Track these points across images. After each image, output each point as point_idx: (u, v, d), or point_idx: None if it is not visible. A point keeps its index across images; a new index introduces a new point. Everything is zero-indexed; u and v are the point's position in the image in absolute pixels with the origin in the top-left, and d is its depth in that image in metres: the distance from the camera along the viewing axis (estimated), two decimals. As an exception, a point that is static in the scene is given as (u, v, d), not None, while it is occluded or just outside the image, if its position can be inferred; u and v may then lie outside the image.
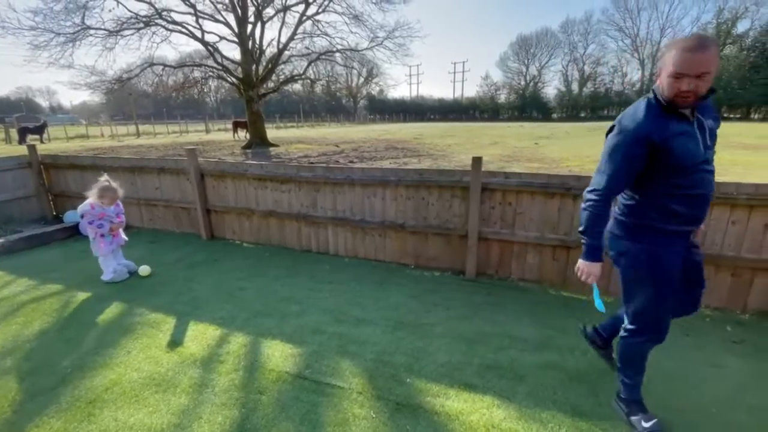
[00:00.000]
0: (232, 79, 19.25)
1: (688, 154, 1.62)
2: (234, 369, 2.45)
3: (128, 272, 3.88)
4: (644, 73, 62.39)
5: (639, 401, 1.99)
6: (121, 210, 3.90)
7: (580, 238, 1.92)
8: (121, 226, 3.85)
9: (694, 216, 1.73)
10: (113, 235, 3.77)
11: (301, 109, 58.94)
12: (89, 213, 3.63)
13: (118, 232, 3.82)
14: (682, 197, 1.68)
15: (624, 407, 2.01)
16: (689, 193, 1.67)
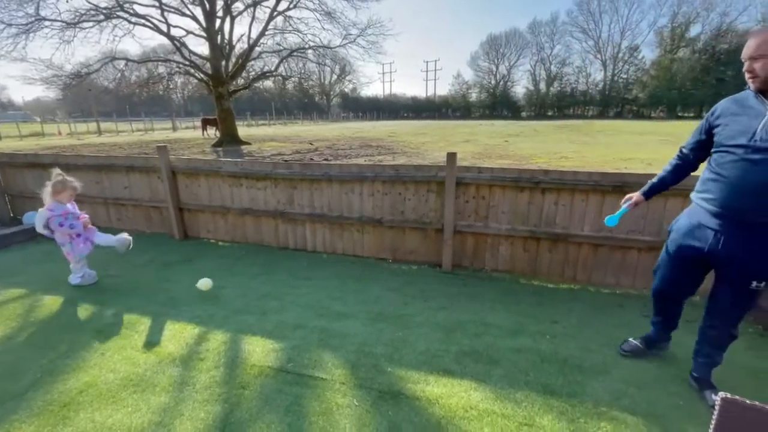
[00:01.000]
0: (201, 75, 18.71)
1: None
2: (215, 366, 2.44)
3: (96, 275, 3.69)
4: (606, 73, 65.17)
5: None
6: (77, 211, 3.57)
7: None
8: (87, 224, 3.61)
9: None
10: (87, 229, 3.54)
11: (273, 107, 57.92)
12: (54, 217, 3.31)
13: (91, 229, 3.61)
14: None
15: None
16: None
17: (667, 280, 2.18)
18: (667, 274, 2.17)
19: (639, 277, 3.35)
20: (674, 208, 3.11)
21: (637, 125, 31.49)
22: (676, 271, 2.12)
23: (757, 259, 1.80)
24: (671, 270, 2.14)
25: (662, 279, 2.20)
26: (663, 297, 2.26)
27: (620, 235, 3.29)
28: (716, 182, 1.85)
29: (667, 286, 2.20)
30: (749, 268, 1.83)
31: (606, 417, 1.99)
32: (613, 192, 3.22)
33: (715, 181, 1.86)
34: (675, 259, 2.10)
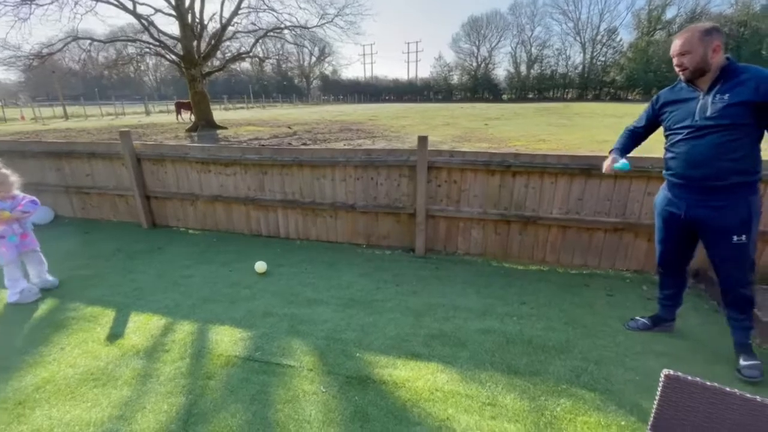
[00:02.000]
0: (172, 56, 17.92)
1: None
2: (180, 357, 2.39)
3: (39, 291, 3.16)
4: (585, 56, 65.66)
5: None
6: (21, 199, 3.04)
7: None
8: (24, 217, 3.05)
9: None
10: (22, 236, 3.07)
11: (251, 90, 56.21)
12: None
13: (27, 232, 3.12)
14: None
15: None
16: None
17: (664, 250, 2.41)
18: (663, 245, 2.41)
19: (605, 258, 3.44)
20: (638, 190, 3.18)
21: (613, 108, 32.01)
22: (667, 238, 2.36)
23: (725, 215, 2.05)
24: (664, 239, 2.38)
25: (660, 251, 2.44)
26: (665, 264, 2.45)
27: (587, 217, 3.35)
28: (673, 159, 2.17)
29: (665, 254, 2.42)
30: (722, 225, 2.07)
31: (566, 394, 2.06)
32: (581, 174, 3.26)
33: (673, 159, 2.17)
34: (663, 228, 2.36)
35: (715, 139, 1.97)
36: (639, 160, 3.07)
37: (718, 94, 1.96)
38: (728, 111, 1.92)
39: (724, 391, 1.26)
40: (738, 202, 2.03)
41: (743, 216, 2.04)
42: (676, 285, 2.49)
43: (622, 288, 3.16)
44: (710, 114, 1.96)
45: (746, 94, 1.89)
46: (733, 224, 2.05)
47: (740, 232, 2.05)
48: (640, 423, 1.85)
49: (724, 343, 2.44)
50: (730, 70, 1.96)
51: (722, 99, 1.94)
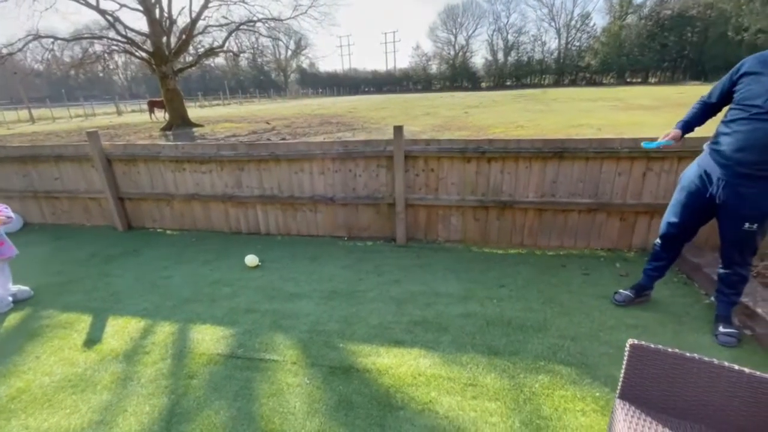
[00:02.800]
0: (141, 53, 17.32)
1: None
2: (161, 358, 2.37)
3: (12, 301, 3.03)
4: (561, 41, 66.40)
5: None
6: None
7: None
8: (8, 222, 2.93)
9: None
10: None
11: (227, 86, 54.94)
12: None
13: (3, 240, 2.96)
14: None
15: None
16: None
17: (675, 224, 2.40)
18: (676, 218, 2.39)
19: (580, 238, 3.54)
20: (609, 171, 3.27)
21: (589, 92, 32.57)
22: (684, 211, 2.34)
23: (748, 205, 2.05)
24: (680, 213, 2.36)
25: (669, 223, 2.44)
26: (670, 237, 2.47)
27: (562, 200, 3.43)
28: (728, 136, 2.06)
29: (674, 228, 2.42)
30: (741, 212, 2.08)
31: (543, 370, 2.13)
32: (554, 158, 3.33)
33: (727, 135, 2.07)
34: (684, 201, 2.32)
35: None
36: (607, 141, 3.15)
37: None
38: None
39: (685, 356, 1.32)
40: (765, 194, 2.01)
41: (764, 208, 2.04)
42: (669, 258, 2.55)
43: (597, 266, 3.26)
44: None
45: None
46: (751, 213, 2.06)
47: (753, 221, 2.06)
48: (613, 393, 1.93)
49: (692, 313, 2.57)
50: None
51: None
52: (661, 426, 1.30)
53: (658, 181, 3.21)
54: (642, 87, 40.07)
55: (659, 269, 2.60)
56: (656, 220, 3.31)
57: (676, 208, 2.40)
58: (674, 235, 2.45)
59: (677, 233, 2.43)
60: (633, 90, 32.80)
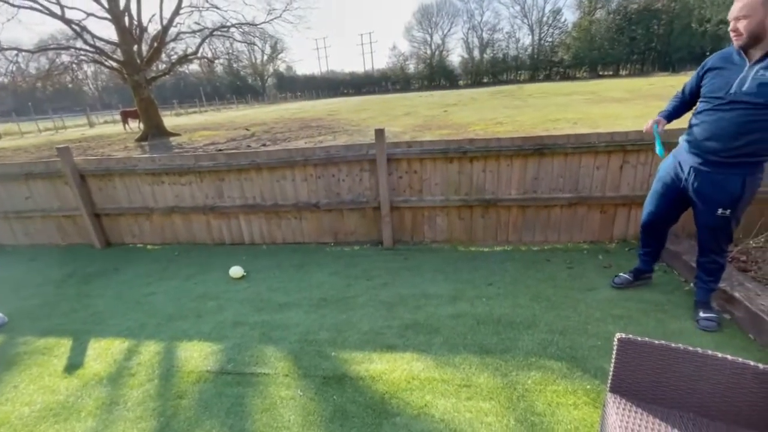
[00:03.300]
0: (112, 62, 16.84)
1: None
2: (148, 379, 2.30)
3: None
4: (534, 37, 67.64)
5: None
6: None
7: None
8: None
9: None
10: None
11: (203, 92, 53.89)
12: None
13: None
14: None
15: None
16: None
17: (653, 213, 2.54)
18: (653, 207, 2.53)
19: (563, 232, 3.60)
20: (588, 165, 3.34)
21: (563, 86, 33.27)
22: (661, 201, 2.47)
23: (720, 191, 2.14)
24: (657, 202, 2.50)
25: (649, 212, 2.57)
26: (650, 226, 2.60)
27: (544, 195, 3.49)
28: (697, 126, 2.18)
29: (653, 217, 2.55)
30: (714, 199, 2.17)
31: (535, 366, 2.15)
32: (535, 154, 3.38)
33: (697, 126, 2.19)
34: (660, 191, 2.46)
35: (741, 117, 1.95)
36: (584, 136, 3.22)
37: (762, 69, 1.89)
38: (764, 90, 1.87)
39: (671, 347, 1.36)
40: (734, 180, 2.08)
41: (734, 193, 2.11)
42: (656, 244, 2.68)
43: (580, 259, 3.33)
44: (747, 89, 1.91)
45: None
46: (722, 199, 2.14)
47: (726, 207, 2.14)
48: (604, 385, 1.97)
49: (674, 301, 2.64)
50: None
51: (763, 75, 1.87)
52: (651, 417, 1.32)
53: (635, 173, 3.29)
54: (614, 80, 41.18)
55: (650, 254, 2.73)
56: (635, 211, 3.39)
57: (653, 198, 2.53)
58: (653, 223, 2.57)
59: (656, 221, 2.56)
60: (605, 83, 33.68)
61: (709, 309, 2.39)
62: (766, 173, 2.75)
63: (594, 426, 1.75)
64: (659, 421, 1.30)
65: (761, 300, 2.30)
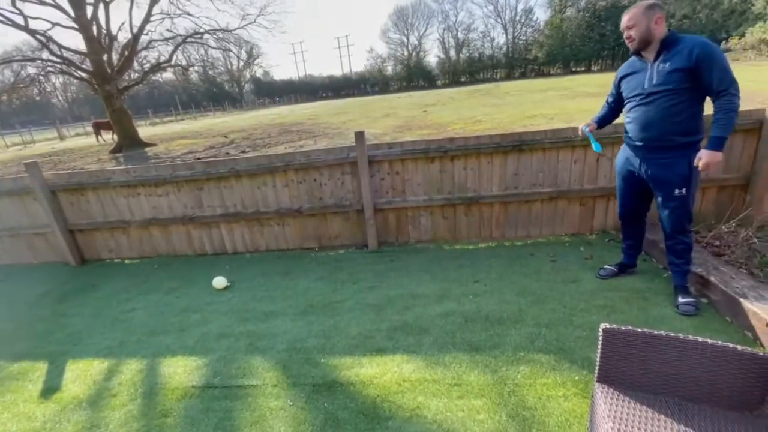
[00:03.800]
0: (81, 73, 16.32)
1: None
2: (130, 399, 2.22)
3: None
4: (508, 36, 68.85)
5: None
6: None
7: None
8: None
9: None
10: None
11: (178, 101, 52.85)
12: None
13: None
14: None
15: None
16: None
17: (623, 205, 2.71)
18: (622, 200, 2.70)
19: (545, 226, 3.66)
20: (565, 159, 3.40)
21: (539, 83, 33.95)
22: (626, 192, 2.65)
23: (671, 172, 2.32)
24: (623, 194, 2.67)
25: (620, 205, 2.73)
26: (624, 217, 2.75)
27: (524, 191, 3.53)
28: (630, 123, 2.44)
29: (624, 208, 2.71)
30: (668, 180, 2.34)
31: (524, 361, 2.17)
32: (514, 151, 3.42)
33: (630, 123, 2.44)
34: (622, 185, 2.65)
35: (661, 104, 2.22)
36: (561, 131, 3.28)
37: (661, 63, 2.20)
38: (670, 77, 2.16)
39: (653, 334, 1.38)
40: (680, 160, 2.27)
41: (683, 172, 2.28)
42: (636, 235, 2.78)
43: (563, 252, 3.38)
44: (656, 81, 2.21)
45: (682, 61, 2.12)
46: (675, 179, 2.31)
47: (681, 186, 2.31)
48: (591, 375, 2.00)
49: (654, 288, 2.71)
50: (670, 40, 2.18)
51: (664, 67, 2.18)
52: (638, 404, 1.35)
53: (611, 165, 3.37)
54: (586, 75, 42.21)
55: (633, 246, 2.83)
56: (612, 202, 3.47)
57: (619, 192, 2.71)
58: (627, 215, 2.72)
59: (628, 213, 2.72)
60: (579, 79, 34.51)
61: (687, 293, 2.47)
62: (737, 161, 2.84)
63: (584, 416, 1.77)
64: (646, 408, 1.33)
65: (735, 283, 2.37)
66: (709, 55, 2.07)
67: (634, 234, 2.78)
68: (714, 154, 2.14)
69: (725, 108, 2.11)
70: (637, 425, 1.26)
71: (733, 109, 2.11)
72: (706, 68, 2.08)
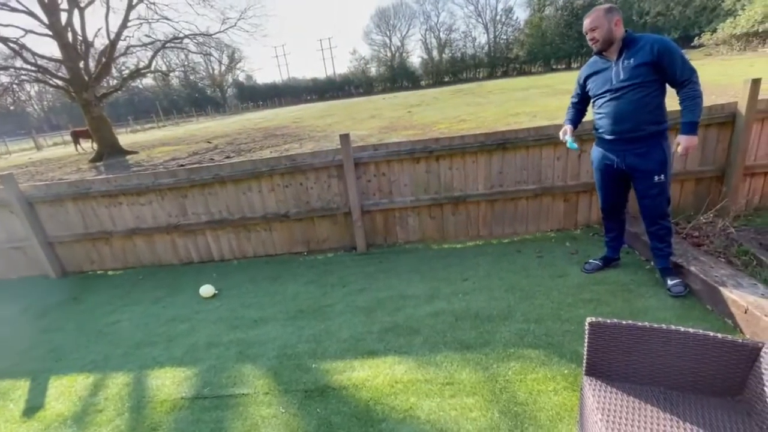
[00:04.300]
0: (57, 81, 15.90)
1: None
2: (117, 414, 2.17)
3: None
4: (489, 36, 69.63)
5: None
6: None
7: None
8: None
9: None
10: None
11: (159, 107, 51.87)
12: None
13: None
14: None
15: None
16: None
17: (603, 197, 2.79)
18: (602, 192, 2.78)
19: (531, 223, 3.71)
20: (548, 156, 3.46)
21: (521, 82, 34.41)
22: (605, 186, 2.73)
23: (649, 160, 2.42)
24: (603, 188, 2.75)
25: (601, 198, 2.81)
26: (606, 210, 2.82)
27: (510, 188, 3.57)
28: (603, 118, 2.52)
29: (605, 201, 2.80)
30: (647, 168, 2.43)
31: (514, 357, 2.19)
32: (498, 149, 3.46)
33: (602, 118, 2.52)
34: (601, 179, 2.72)
35: (631, 96, 2.33)
36: (543, 128, 3.33)
37: (625, 60, 2.33)
38: (636, 71, 2.29)
39: (637, 325, 1.41)
40: (655, 148, 2.40)
41: (660, 158, 2.40)
42: (618, 228, 2.86)
43: (549, 248, 3.43)
44: (623, 77, 2.33)
45: (645, 56, 2.26)
46: (654, 166, 2.41)
47: (659, 172, 2.42)
48: (579, 368, 2.03)
49: (637, 280, 2.77)
50: (630, 39, 2.33)
51: (629, 63, 2.31)
52: (625, 395, 1.37)
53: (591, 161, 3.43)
54: (567, 72, 42.92)
55: (615, 239, 2.90)
56: (595, 197, 3.52)
57: (598, 185, 2.78)
58: (608, 208, 2.80)
59: (609, 206, 2.79)
60: (559, 76, 35.07)
61: (674, 275, 2.58)
62: (712, 154, 2.92)
63: (574, 409, 1.79)
64: (633, 398, 1.35)
65: (715, 272, 2.44)
66: (668, 49, 2.23)
67: (616, 226, 2.85)
68: (690, 138, 2.31)
69: (690, 95, 2.27)
70: (624, 416, 1.29)
71: (698, 95, 2.27)
72: (668, 61, 2.23)
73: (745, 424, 1.23)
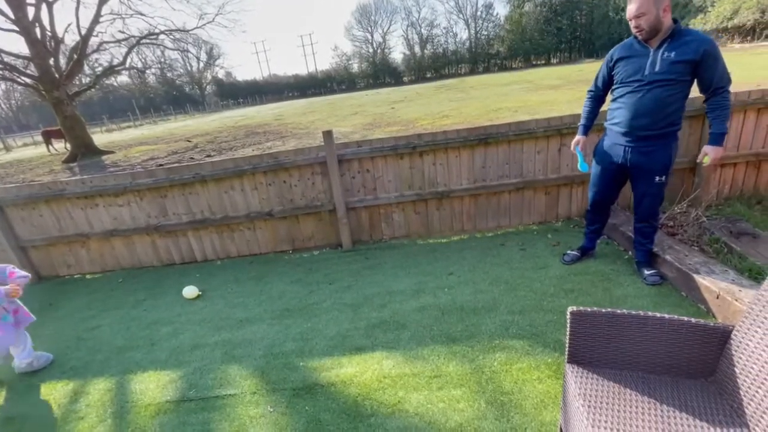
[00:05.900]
0: (25, 79, 15.25)
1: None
2: (99, 420, 2.12)
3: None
4: (470, 32, 70.09)
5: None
6: (4, 268, 2.53)
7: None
8: (23, 283, 2.52)
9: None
10: (14, 312, 2.54)
11: (136, 105, 50.41)
12: None
13: (18, 306, 2.59)
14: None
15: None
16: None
17: (598, 192, 2.75)
18: (597, 187, 2.73)
19: (513, 216, 3.77)
20: (529, 150, 3.51)
21: (502, 77, 34.79)
22: (603, 181, 2.68)
23: (654, 160, 2.38)
24: (600, 182, 2.70)
25: (594, 193, 2.77)
26: (596, 205, 2.81)
27: (493, 183, 3.62)
28: (620, 109, 2.41)
29: (598, 196, 2.76)
30: (650, 168, 2.41)
31: (499, 348, 2.23)
32: (480, 144, 3.49)
33: (619, 109, 2.41)
34: (601, 173, 2.66)
35: (658, 93, 2.23)
36: (524, 123, 3.38)
37: (666, 51, 2.18)
38: (674, 67, 2.17)
39: (616, 313, 1.45)
40: (663, 149, 2.35)
41: (665, 160, 2.37)
42: (602, 221, 2.91)
43: (531, 240, 3.50)
44: (658, 69, 2.20)
45: (689, 53, 2.13)
46: (657, 167, 2.39)
47: (661, 174, 2.40)
48: (562, 357, 2.08)
49: (617, 269, 2.85)
50: (677, 31, 2.17)
51: (669, 56, 2.17)
52: (606, 380, 1.42)
53: (572, 155, 3.51)
54: (546, 68, 43.61)
55: (597, 231, 2.96)
56: (576, 190, 3.62)
57: (596, 179, 2.74)
58: (600, 202, 2.81)
59: (601, 200, 2.79)
60: (539, 72, 35.62)
61: (651, 266, 2.67)
62: (684, 146, 3.02)
63: (557, 396, 1.84)
64: (613, 383, 1.40)
65: (689, 260, 2.54)
66: (714, 54, 2.13)
67: (601, 220, 2.90)
68: (718, 149, 2.26)
69: (723, 105, 2.20)
70: (605, 400, 1.33)
71: (729, 106, 2.21)
72: (711, 64, 2.14)
73: (717, 403, 1.28)
